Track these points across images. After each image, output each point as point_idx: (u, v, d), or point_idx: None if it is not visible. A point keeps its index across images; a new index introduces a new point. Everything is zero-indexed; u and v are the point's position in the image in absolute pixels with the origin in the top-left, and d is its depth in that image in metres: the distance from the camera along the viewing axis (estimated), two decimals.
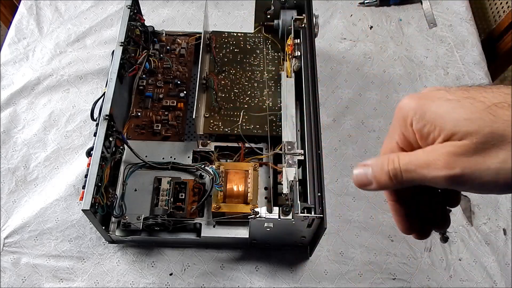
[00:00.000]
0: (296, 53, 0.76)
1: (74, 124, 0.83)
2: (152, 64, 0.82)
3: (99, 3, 0.99)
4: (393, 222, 0.76)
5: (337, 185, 0.79)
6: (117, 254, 0.71)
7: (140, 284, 0.69)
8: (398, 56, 0.95)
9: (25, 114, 0.84)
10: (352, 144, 0.83)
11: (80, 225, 0.73)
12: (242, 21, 0.98)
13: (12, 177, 0.77)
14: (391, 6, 1.01)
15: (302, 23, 0.78)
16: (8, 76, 0.88)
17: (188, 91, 0.81)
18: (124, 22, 0.76)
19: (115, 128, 0.68)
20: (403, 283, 0.71)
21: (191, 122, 0.78)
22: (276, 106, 0.78)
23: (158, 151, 0.74)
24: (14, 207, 0.75)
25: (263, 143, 0.76)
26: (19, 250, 0.71)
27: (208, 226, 0.68)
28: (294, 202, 0.61)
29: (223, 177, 0.69)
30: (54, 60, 0.91)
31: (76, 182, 0.76)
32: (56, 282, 0.69)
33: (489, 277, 0.71)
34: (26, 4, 0.98)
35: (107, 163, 0.66)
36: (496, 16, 1.08)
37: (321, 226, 0.60)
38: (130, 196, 0.69)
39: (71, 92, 0.87)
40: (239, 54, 0.85)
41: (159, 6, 1.00)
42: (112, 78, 0.70)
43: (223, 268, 0.70)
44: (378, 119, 0.86)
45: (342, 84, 0.90)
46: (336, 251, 0.73)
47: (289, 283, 0.70)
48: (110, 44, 0.92)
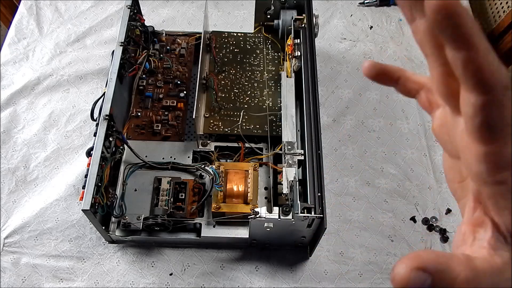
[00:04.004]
0: (296, 53, 0.76)
1: (74, 124, 0.83)
2: (152, 64, 0.82)
3: (99, 3, 0.99)
4: (393, 222, 0.77)
5: (337, 185, 0.79)
6: (117, 254, 0.71)
7: (140, 284, 0.69)
8: (398, 56, 0.95)
9: (25, 114, 0.84)
10: (352, 144, 0.83)
11: (80, 225, 0.73)
12: (242, 21, 0.98)
13: (12, 177, 0.77)
14: (391, 6, 1.01)
15: (302, 23, 0.78)
16: (8, 76, 0.88)
17: (188, 91, 0.81)
18: (124, 22, 0.76)
19: (115, 128, 0.68)
20: None
21: (191, 122, 0.78)
22: (276, 106, 0.78)
23: (158, 151, 0.74)
24: (14, 207, 0.75)
25: (263, 143, 0.76)
26: (19, 250, 0.71)
27: (208, 226, 0.68)
28: (294, 202, 0.61)
29: (223, 177, 0.69)
30: (54, 60, 0.91)
31: (76, 182, 0.76)
32: (56, 282, 0.69)
33: None
34: (26, 4, 0.98)
35: (107, 163, 0.66)
36: (496, 16, 1.08)
37: (321, 226, 0.60)
38: (130, 196, 0.69)
39: (71, 92, 0.87)
40: (239, 54, 0.85)
41: (159, 6, 1.00)
42: (112, 78, 0.70)
43: (223, 268, 0.70)
44: (378, 119, 0.86)
45: (342, 84, 0.90)
46: (336, 251, 0.73)
47: (289, 283, 0.70)
48: (110, 44, 0.92)
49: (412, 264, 0.19)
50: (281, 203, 0.68)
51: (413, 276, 0.19)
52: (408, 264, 0.19)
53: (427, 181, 0.80)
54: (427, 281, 0.19)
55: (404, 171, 0.81)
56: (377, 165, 0.81)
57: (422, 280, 0.19)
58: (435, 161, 0.81)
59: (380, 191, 0.79)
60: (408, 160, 0.82)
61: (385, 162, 0.81)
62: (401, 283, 0.19)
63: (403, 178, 0.80)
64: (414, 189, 0.79)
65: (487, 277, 0.20)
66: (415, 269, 0.19)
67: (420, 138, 0.84)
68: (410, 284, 0.19)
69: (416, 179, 0.80)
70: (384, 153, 0.83)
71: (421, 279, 0.19)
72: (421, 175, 0.80)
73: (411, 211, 0.77)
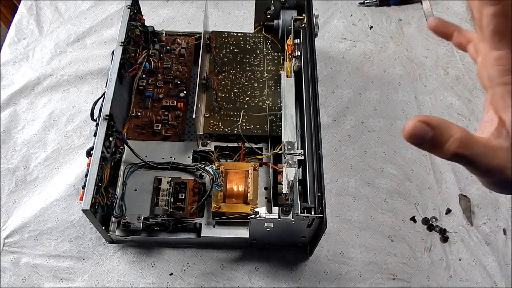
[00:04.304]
0: (296, 53, 0.76)
1: (74, 124, 0.83)
2: (152, 64, 0.82)
3: (99, 3, 0.99)
4: (393, 222, 0.77)
5: (337, 185, 0.79)
6: (117, 254, 0.71)
7: (140, 284, 0.69)
8: (398, 56, 0.95)
9: (25, 114, 0.84)
10: (352, 144, 0.83)
11: (80, 225, 0.73)
12: (242, 21, 0.98)
13: (12, 177, 0.77)
14: (391, 6, 1.01)
15: (302, 23, 0.78)
16: (8, 76, 0.88)
17: (188, 91, 0.81)
18: (124, 22, 0.76)
19: (115, 128, 0.68)
20: (403, 283, 0.71)
21: (191, 122, 0.78)
22: (276, 106, 0.78)
23: (158, 151, 0.74)
24: (14, 207, 0.75)
25: (263, 143, 0.76)
26: (19, 250, 0.71)
27: (208, 226, 0.68)
28: (294, 202, 0.61)
29: (223, 177, 0.69)
30: (54, 60, 0.91)
31: (76, 182, 0.76)
32: (56, 282, 0.69)
33: (489, 277, 0.71)
34: (26, 4, 0.98)
35: (107, 163, 0.66)
36: None
37: (321, 226, 0.60)
38: (130, 196, 0.69)
39: (71, 92, 0.87)
40: (239, 54, 0.85)
41: (159, 6, 1.00)
42: (112, 78, 0.70)
43: (223, 268, 0.70)
44: (378, 119, 0.86)
45: (342, 84, 0.90)
46: (336, 251, 0.73)
47: (289, 283, 0.70)
48: (110, 44, 0.92)
49: (419, 118, 0.24)
50: (281, 203, 0.68)
51: (418, 126, 0.24)
52: (416, 118, 0.24)
53: (427, 181, 0.80)
54: (429, 134, 0.24)
55: (404, 171, 0.81)
56: (377, 165, 0.81)
57: (425, 131, 0.24)
58: (435, 161, 0.81)
59: (380, 191, 0.79)
60: (408, 160, 0.82)
61: (385, 162, 0.81)
62: (408, 131, 0.24)
63: (403, 178, 0.80)
64: (414, 189, 0.79)
65: (480, 147, 0.25)
66: (421, 121, 0.24)
67: None
68: (415, 131, 0.24)
69: (416, 179, 0.80)
70: (384, 153, 0.83)
71: (424, 130, 0.24)
72: (421, 175, 0.80)
73: (411, 211, 0.77)
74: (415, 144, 0.25)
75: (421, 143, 0.25)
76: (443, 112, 0.87)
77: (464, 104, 0.88)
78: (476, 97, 0.89)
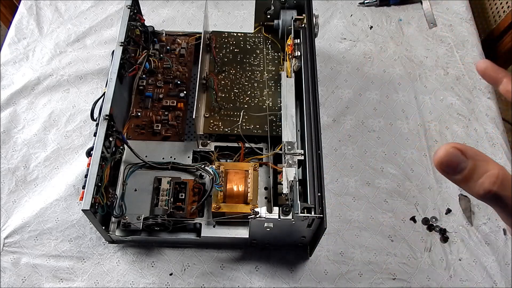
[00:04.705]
0: (296, 53, 0.76)
1: (74, 124, 0.83)
2: (152, 64, 0.82)
3: (99, 3, 0.99)
4: (393, 222, 0.77)
5: (337, 185, 0.79)
6: (117, 254, 0.71)
7: (140, 284, 0.69)
8: (398, 56, 0.95)
9: (25, 114, 0.84)
10: (352, 144, 0.83)
11: (80, 225, 0.73)
12: (242, 21, 0.98)
13: (12, 177, 0.77)
14: (391, 6, 1.01)
15: (302, 23, 0.78)
16: (8, 76, 0.88)
17: (188, 91, 0.81)
18: (124, 22, 0.76)
19: (115, 128, 0.68)
20: (403, 283, 0.71)
21: (191, 122, 0.78)
22: (276, 106, 0.78)
23: (158, 151, 0.74)
24: (14, 207, 0.75)
25: (263, 143, 0.76)
26: (19, 250, 0.71)
27: (208, 226, 0.68)
28: (294, 202, 0.61)
29: (223, 177, 0.69)
30: (54, 60, 0.91)
31: (76, 182, 0.76)
32: (56, 282, 0.69)
33: (489, 277, 0.71)
34: (26, 4, 0.98)
35: (107, 163, 0.66)
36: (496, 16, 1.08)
37: (321, 226, 0.60)
38: (130, 196, 0.69)
39: (71, 92, 0.87)
40: (239, 54, 0.85)
41: (159, 6, 1.00)
42: (112, 78, 0.70)
43: (223, 268, 0.70)
44: (378, 119, 0.86)
45: (342, 84, 0.90)
46: (336, 251, 0.73)
47: (289, 283, 0.70)
48: (110, 44, 0.92)
49: (453, 144, 0.22)
50: (281, 203, 0.68)
51: (452, 153, 0.21)
52: (450, 144, 0.22)
53: (427, 181, 0.80)
54: (464, 164, 0.21)
55: (404, 171, 0.81)
56: (377, 165, 0.81)
57: (459, 160, 0.21)
58: None
59: (380, 191, 0.79)
60: (408, 160, 0.82)
61: (385, 162, 0.81)
62: (439, 158, 0.22)
63: (403, 178, 0.80)
64: (414, 189, 0.79)
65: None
66: (455, 148, 0.22)
67: (420, 138, 0.84)
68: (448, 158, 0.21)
69: (416, 179, 0.80)
70: (384, 153, 0.83)
71: (458, 158, 0.21)
72: (421, 175, 0.80)
73: (411, 211, 0.77)
74: (446, 173, 0.22)
75: (454, 174, 0.22)
76: (443, 112, 0.87)
77: (464, 104, 0.88)
78: (476, 97, 0.89)
